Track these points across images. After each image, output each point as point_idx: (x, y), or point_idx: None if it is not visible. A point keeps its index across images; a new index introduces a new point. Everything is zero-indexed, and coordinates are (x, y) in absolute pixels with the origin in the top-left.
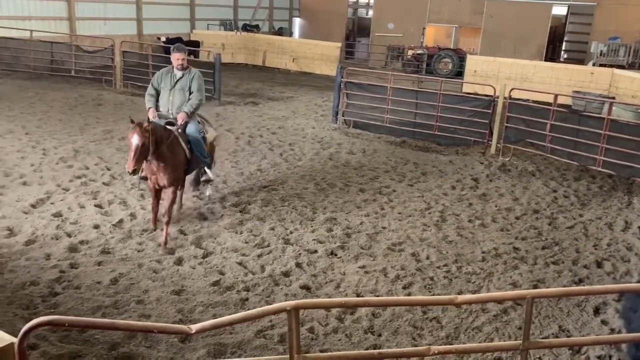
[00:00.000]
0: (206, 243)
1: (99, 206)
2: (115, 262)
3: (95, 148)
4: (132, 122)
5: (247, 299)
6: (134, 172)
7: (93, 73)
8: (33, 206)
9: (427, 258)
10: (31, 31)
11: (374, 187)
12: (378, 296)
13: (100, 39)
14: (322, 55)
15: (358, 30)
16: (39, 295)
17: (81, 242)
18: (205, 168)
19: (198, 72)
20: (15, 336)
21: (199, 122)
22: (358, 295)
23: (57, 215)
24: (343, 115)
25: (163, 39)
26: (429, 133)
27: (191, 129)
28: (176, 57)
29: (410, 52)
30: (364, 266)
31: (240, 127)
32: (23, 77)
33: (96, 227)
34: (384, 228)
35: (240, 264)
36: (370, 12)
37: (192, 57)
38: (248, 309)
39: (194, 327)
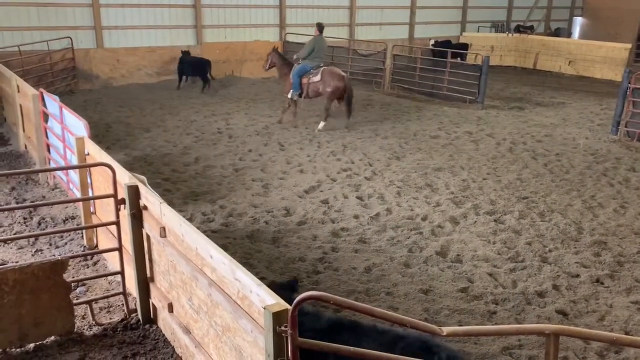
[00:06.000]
0: (457, 247)
1: (359, 198)
2: (370, 252)
3: (361, 145)
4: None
5: (495, 312)
6: None
7: (365, 75)
8: (306, 192)
9: None
10: None
11: None
12: None
13: (375, 43)
14: (606, 58)
15: None
16: (304, 271)
17: (342, 229)
18: None
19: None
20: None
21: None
22: (627, 333)
23: (325, 202)
24: (626, 126)
25: (432, 42)
26: None
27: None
28: None
29: None
30: (638, 302)
31: (502, 132)
32: None
33: (356, 217)
34: None
35: (490, 275)
36: None
37: (458, 60)
38: (495, 323)
39: (446, 330)
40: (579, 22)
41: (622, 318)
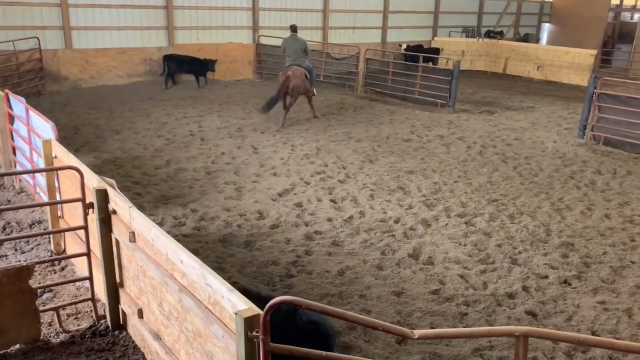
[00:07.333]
0: (428, 250)
1: (333, 201)
2: (343, 255)
3: (335, 148)
4: None
5: (466, 314)
6: None
7: (338, 78)
8: (280, 195)
9: None
10: None
11: (623, 215)
12: (618, 339)
13: (348, 46)
14: (572, 64)
15: (619, 36)
16: (277, 275)
17: (316, 232)
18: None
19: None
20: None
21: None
22: (593, 333)
23: (298, 205)
24: (592, 130)
25: (404, 46)
26: None
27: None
28: None
29: None
30: (604, 302)
31: (472, 136)
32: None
33: (329, 220)
34: (632, 263)
35: (461, 276)
36: (637, 16)
37: (430, 64)
38: (466, 324)
39: (417, 333)
40: (546, 28)
41: (589, 318)
